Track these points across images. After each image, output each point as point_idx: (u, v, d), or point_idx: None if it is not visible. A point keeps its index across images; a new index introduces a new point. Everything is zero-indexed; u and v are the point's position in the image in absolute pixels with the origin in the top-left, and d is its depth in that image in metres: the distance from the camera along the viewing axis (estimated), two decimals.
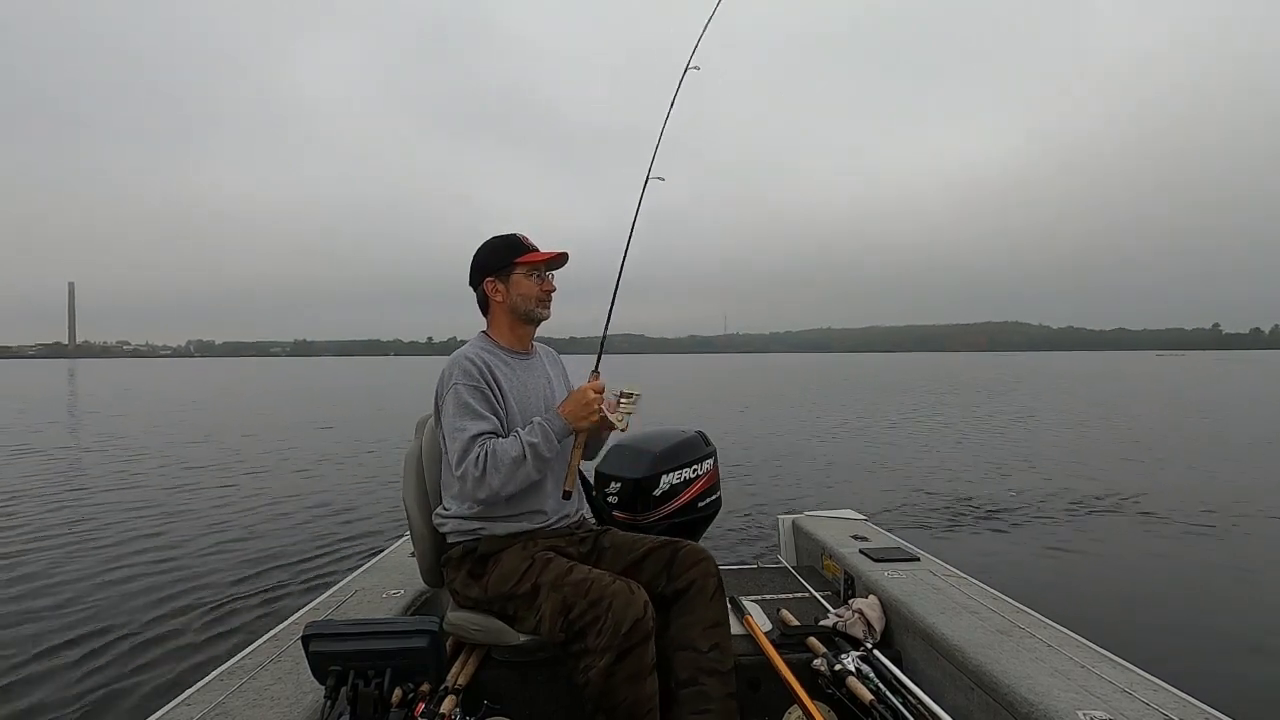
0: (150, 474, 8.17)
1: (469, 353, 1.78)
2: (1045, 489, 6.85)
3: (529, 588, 1.65)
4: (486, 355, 1.79)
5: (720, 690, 1.61)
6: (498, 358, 1.82)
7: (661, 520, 2.36)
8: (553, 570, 1.65)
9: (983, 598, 2.04)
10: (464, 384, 1.71)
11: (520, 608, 1.67)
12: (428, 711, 1.45)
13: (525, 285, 1.82)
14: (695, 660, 1.63)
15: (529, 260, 1.81)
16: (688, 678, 1.61)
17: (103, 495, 6.87)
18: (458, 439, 1.66)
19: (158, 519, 5.82)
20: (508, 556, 1.71)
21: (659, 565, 1.74)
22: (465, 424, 1.67)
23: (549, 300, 1.87)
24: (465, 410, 1.68)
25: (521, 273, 1.82)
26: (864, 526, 2.90)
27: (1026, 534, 5.21)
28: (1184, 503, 6.17)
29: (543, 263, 1.83)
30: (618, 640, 1.49)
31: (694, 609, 1.68)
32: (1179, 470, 8.02)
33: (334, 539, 5.14)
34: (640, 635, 1.51)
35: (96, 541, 5.08)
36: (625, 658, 1.49)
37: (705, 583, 1.71)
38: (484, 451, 1.63)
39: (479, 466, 1.62)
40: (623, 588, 1.56)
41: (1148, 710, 1.38)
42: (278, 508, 6.25)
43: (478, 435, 1.66)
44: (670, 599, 1.71)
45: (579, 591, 1.57)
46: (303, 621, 1.77)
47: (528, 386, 1.84)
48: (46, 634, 3.36)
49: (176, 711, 1.45)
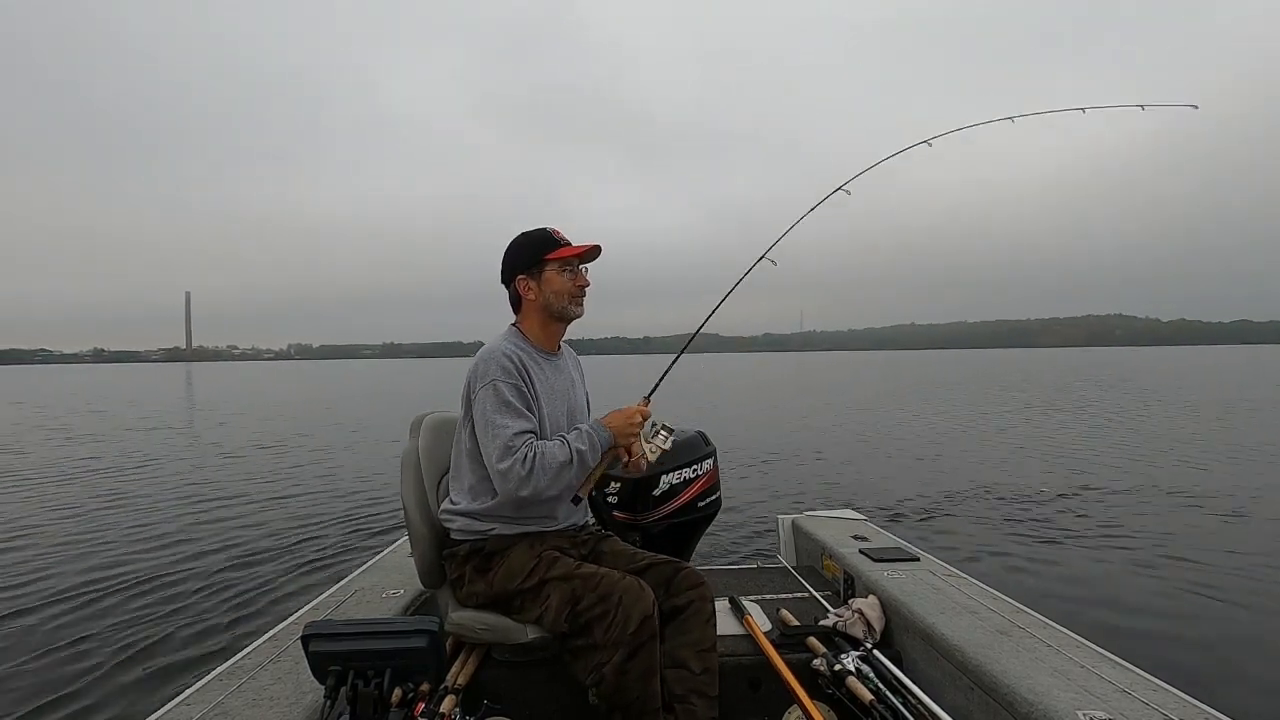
0: (154, 474, 8.17)
1: (505, 349, 1.74)
2: (1047, 489, 6.84)
3: (536, 582, 1.66)
4: (521, 353, 1.75)
5: (706, 714, 1.62)
6: (530, 356, 1.78)
7: (661, 520, 2.35)
8: (561, 566, 1.66)
9: (983, 598, 2.04)
10: (504, 380, 1.67)
11: (527, 600, 1.67)
12: (427, 711, 1.45)
13: (558, 281, 1.77)
14: (687, 680, 1.63)
15: (560, 255, 1.77)
16: (681, 693, 1.62)
17: (103, 495, 6.87)
18: (500, 435, 1.63)
19: (157, 519, 5.82)
20: (515, 554, 1.71)
21: (660, 579, 1.73)
22: (508, 421, 1.64)
23: (582, 296, 1.82)
24: (506, 407, 1.65)
25: (554, 269, 1.77)
26: (864, 526, 2.90)
27: (1026, 534, 5.20)
28: (1192, 502, 6.17)
29: (575, 257, 1.78)
30: (627, 636, 1.50)
31: (690, 629, 1.68)
32: (1187, 468, 8.01)
33: (333, 538, 5.14)
34: (649, 632, 1.52)
35: (96, 541, 5.08)
36: (637, 654, 1.50)
37: (702, 605, 1.71)
38: (533, 453, 1.61)
39: (526, 466, 1.60)
40: (633, 584, 1.57)
41: (1148, 710, 1.38)
42: (279, 508, 6.25)
43: (521, 433, 1.64)
44: (667, 615, 1.70)
45: (588, 585, 1.59)
46: (302, 621, 1.78)
47: (554, 389, 1.81)
48: (46, 632, 3.37)
49: (176, 711, 1.45)
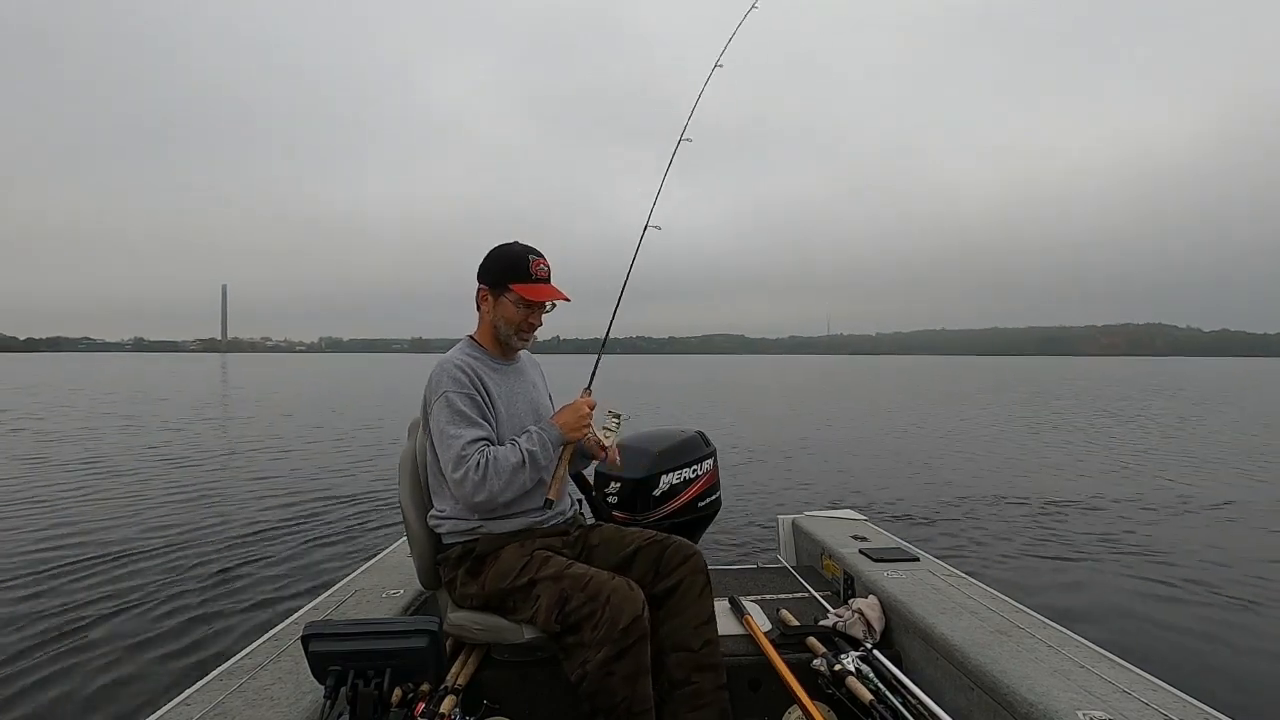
0: (156, 471, 8.16)
1: (457, 359, 1.76)
2: (1046, 490, 6.84)
3: (526, 581, 1.66)
4: (474, 362, 1.77)
5: (713, 683, 1.65)
6: (484, 364, 1.80)
7: (661, 520, 2.35)
8: (551, 566, 1.67)
9: (983, 598, 2.04)
10: (455, 391, 1.70)
11: (519, 600, 1.67)
12: (427, 711, 1.45)
13: (510, 311, 1.78)
14: (689, 660, 1.66)
15: (524, 293, 1.75)
16: (682, 678, 1.64)
17: (101, 497, 6.86)
18: (452, 445, 1.65)
19: (155, 519, 5.82)
20: (506, 554, 1.72)
21: (648, 563, 1.75)
22: (460, 430, 1.66)
23: (529, 334, 1.82)
24: (459, 417, 1.68)
25: (512, 299, 1.77)
26: (864, 526, 2.90)
27: (1027, 534, 5.20)
28: (1191, 506, 6.17)
29: (537, 303, 1.78)
30: (615, 635, 1.50)
31: (684, 609, 1.71)
32: (1191, 472, 8.02)
33: (334, 538, 5.13)
34: (637, 633, 1.52)
35: (95, 540, 5.07)
36: (623, 655, 1.50)
37: (694, 579, 1.73)
38: (485, 458, 1.63)
39: (479, 472, 1.62)
40: (621, 584, 1.58)
41: (1148, 710, 1.38)
42: (279, 508, 6.24)
43: (474, 441, 1.65)
44: (660, 598, 1.72)
45: (577, 585, 1.59)
46: (302, 621, 1.78)
47: (515, 393, 1.83)
48: (45, 631, 3.36)
49: (176, 711, 1.45)
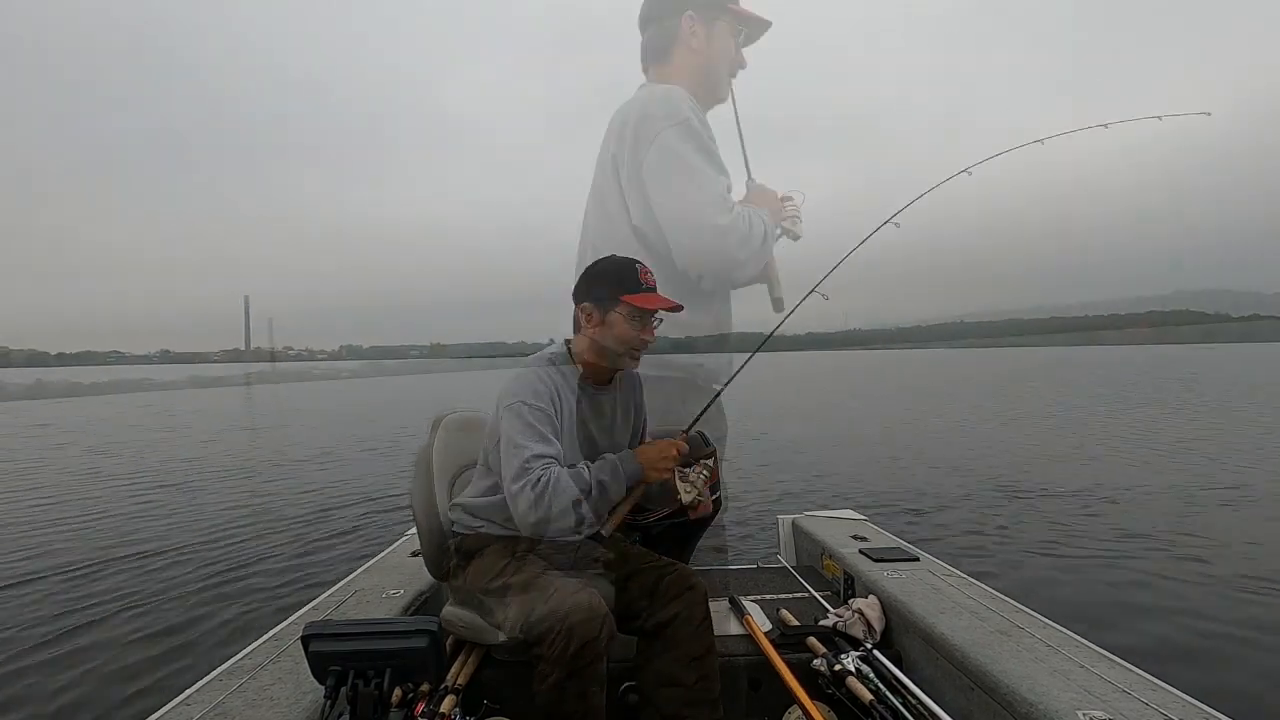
0: (156, 473, 8.17)
1: (540, 374, 1.65)
2: (1049, 488, 6.84)
3: (500, 585, 1.63)
4: (558, 379, 1.66)
5: (707, 717, 1.58)
6: (569, 384, 1.68)
7: (661, 520, 2.35)
8: (525, 572, 1.62)
9: (983, 598, 2.04)
10: (531, 402, 1.58)
11: (493, 602, 1.65)
12: (427, 711, 1.45)
13: (622, 328, 1.62)
14: (681, 695, 1.58)
15: (638, 302, 1.61)
16: (672, 713, 1.57)
17: (101, 496, 6.87)
18: (517, 456, 1.54)
19: (155, 519, 5.82)
20: (489, 553, 1.70)
21: (642, 592, 1.68)
22: (528, 443, 1.55)
23: (640, 353, 1.68)
24: (529, 430, 1.56)
25: (624, 312, 1.62)
26: (864, 526, 2.90)
27: (1027, 534, 5.20)
28: (1187, 502, 6.16)
29: (652, 312, 1.64)
30: (566, 658, 1.43)
31: (678, 644, 1.61)
32: (1186, 466, 8.01)
33: (335, 538, 5.13)
34: (590, 656, 1.45)
35: (93, 540, 5.08)
36: (574, 676, 1.44)
37: (691, 613, 1.64)
38: (547, 477, 1.51)
39: (537, 489, 1.50)
40: (583, 602, 1.47)
41: (1147, 710, 1.38)
42: (280, 508, 6.24)
43: (540, 456, 1.54)
44: (655, 630, 1.64)
45: (542, 597, 1.52)
46: (302, 621, 1.77)
47: (590, 421, 1.72)
48: (45, 631, 3.36)
49: (176, 711, 1.45)
